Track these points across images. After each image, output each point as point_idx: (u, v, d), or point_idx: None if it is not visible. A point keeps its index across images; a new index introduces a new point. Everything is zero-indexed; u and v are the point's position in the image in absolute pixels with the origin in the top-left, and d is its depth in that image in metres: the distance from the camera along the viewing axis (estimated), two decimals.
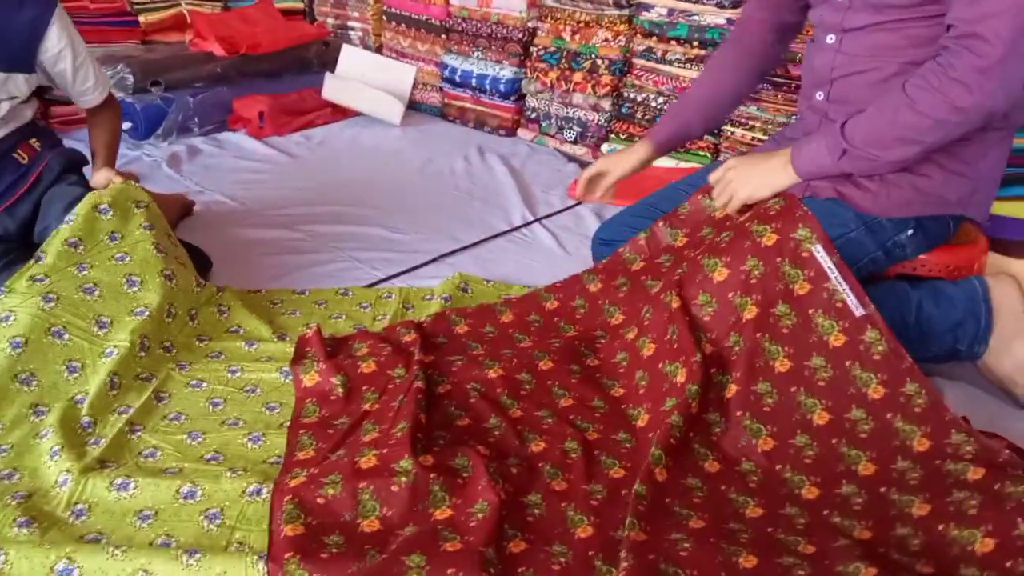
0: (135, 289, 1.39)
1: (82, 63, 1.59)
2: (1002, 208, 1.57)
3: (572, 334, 1.49)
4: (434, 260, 1.85)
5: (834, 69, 1.32)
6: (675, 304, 1.28)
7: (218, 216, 2.06)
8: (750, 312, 1.23)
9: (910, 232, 1.30)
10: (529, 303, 1.57)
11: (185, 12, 2.88)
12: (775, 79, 2.12)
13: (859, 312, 1.19)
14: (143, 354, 1.34)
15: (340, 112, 2.92)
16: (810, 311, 1.22)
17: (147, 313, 1.37)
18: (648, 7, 2.38)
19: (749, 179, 1.33)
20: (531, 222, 2.09)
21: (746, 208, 1.36)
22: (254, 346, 1.44)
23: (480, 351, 1.41)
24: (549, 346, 1.42)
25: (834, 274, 1.22)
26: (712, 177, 1.41)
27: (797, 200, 1.29)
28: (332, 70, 3.02)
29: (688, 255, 1.40)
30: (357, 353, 1.39)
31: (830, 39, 1.31)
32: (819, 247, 1.23)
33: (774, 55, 1.58)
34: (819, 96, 1.36)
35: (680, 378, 1.19)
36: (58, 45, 1.54)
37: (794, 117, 2.09)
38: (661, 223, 1.51)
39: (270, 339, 1.46)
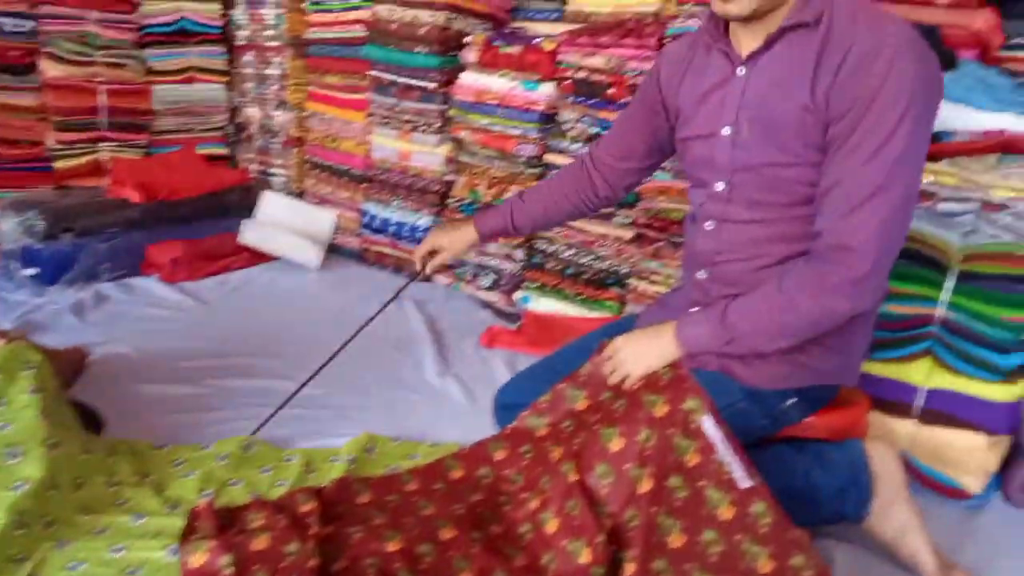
0: (15, 461, 1.33)
1: None
2: (882, 369, 1.67)
3: (476, 499, 1.47)
4: (342, 416, 1.83)
5: (716, 254, 1.39)
6: (572, 477, 1.29)
7: (119, 369, 2.00)
8: (645, 485, 1.24)
9: (792, 401, 1.37)
10: (435, 472, 1.55)
11: (105, 158, 2.90)
12: (674, 239, 2.25)
13: (745, 484, 1.22)
14: (20, 532, 1.26)
15: (258, 256, 2.93)
16: (700, 483, 1.24)
17: (26, 487, 1.30)
18: (557, 167, 2.52)
19: (641, 357, 1.37)
20: None
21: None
22: (141, 520, 1.38)
23: (381, 520, 1.38)
24: (452, 513, 1.40)
25: (722, 446, 1.26)
26: (607, 351, 1.46)
27: (686, 371, 1.34)
28: (252, 215, 3.06)
29: (589, 420, 1.42)
30: (251, 526, 1.34)
31: (709, 226, 1.39)
32: (707, 418, 1.27)
33: (613, 197, 1.67)
34: (702, 275, 1.43)
35: (584, 559, 1.19)
36: None
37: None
38: (562, 384, 1.54)
39: (159, 511, 1.40)
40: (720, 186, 1.35)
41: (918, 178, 1.22)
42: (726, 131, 1.32)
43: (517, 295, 2.63)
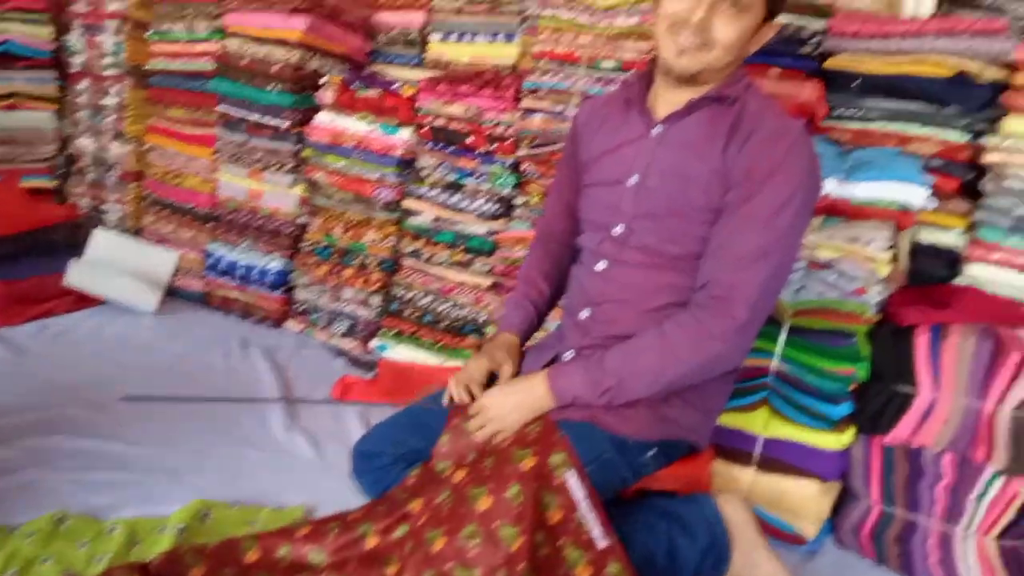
0: None
1: None
2: (725, 419, 1.73)
3: (326, 564, 1.38)
4: (173, 480, 1.68)
5: (602, 293, 1.45)
6: (436, 545, 1.23)
7: None
8: (517, 543, 1.20)
9: (652, 453, 1.40)
10: (280, 534, 1.45)
11: None
12: None
13: (602, 544, 1.22)
14: None
15: (86, 300, 2.69)
16: (559, 542, 1.23)
17: None
18: (415, 213, 2.49)
19: (513, 412, 1.38)
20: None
21: None
22: None
23: None
24: None
25: (584, 503, 1.26)
26: (472, 408, 1.43)
27: (554, 424, 1.34)
28: (81, 254, 2.82)
29: (454, 481, 1.37)
30: None
31: (601, 266, 1.45)
32: (572, 474, 1.27)
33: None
34: (584, 314, 1.47)
35: None
36: None
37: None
38: (432, 463, 1.48)
39: None
40: (619, 230, 1.43)
41: (796, 253, 1.37)
42: (633, 180, 1.42)
43: (373, 343, 2.56)
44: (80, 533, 1.45)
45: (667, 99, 1.41)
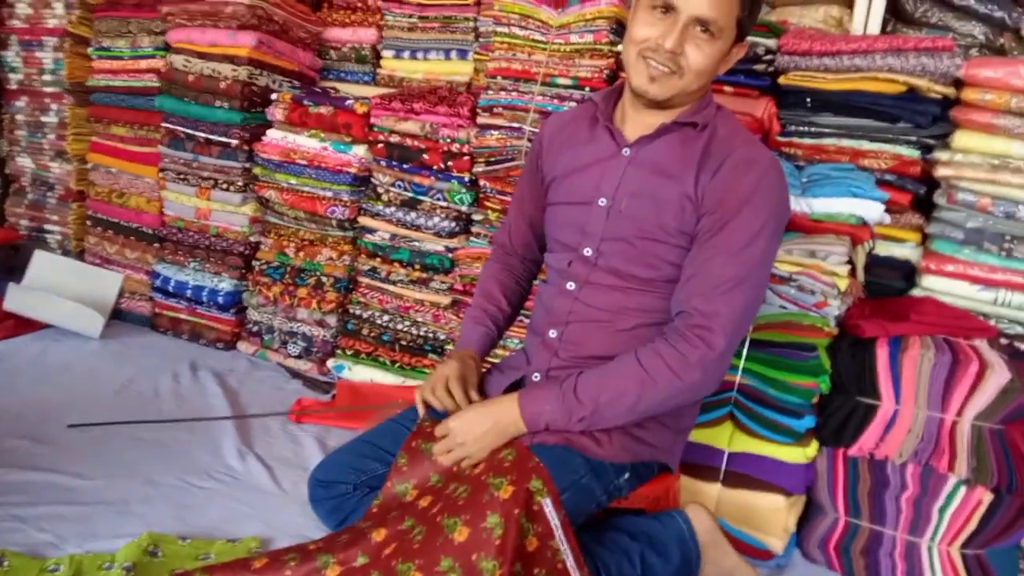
0: None
1: None
2: (691, 434, 1.72)
3: None
4: (120, 512, 1.60)
5: (571, 313, 1.43)
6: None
7: None
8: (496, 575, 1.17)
9: (627, 475, 1.39)
10: (236, 566, 1.38)
11: None
12: None
13: (576, 575, 1.19)
14: None
15: (26, 324, 2.58)
16: (535, 571, 1.21)
17: None
18: (371, 230, 2.44)
19: (482, 439, 1.35)
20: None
21: None
22: None
23: None
24: None
25: (559, 532, 1.24)
26: (439, 430, 1.40)
27: (528, 450, 1.31)
28: (21, 277, 2.70)
29: (420, 507, 1.32)
30: None
31: (570, 286, 1.43)
32: (548, 502, 1.24)
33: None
34: (552, 334, 1.44)
35: None
36: None
37: (517, 342, 2.19)
38: (390, 483, 1.43)
39: None
40: (588, 251, 1.41)
41: (767, 279, 1.38)
42: (602, 202, 1.40)
43: (331, 363, 2.50)
44: (21, 573, 1.37)
45: (636, 120, 1.40)
